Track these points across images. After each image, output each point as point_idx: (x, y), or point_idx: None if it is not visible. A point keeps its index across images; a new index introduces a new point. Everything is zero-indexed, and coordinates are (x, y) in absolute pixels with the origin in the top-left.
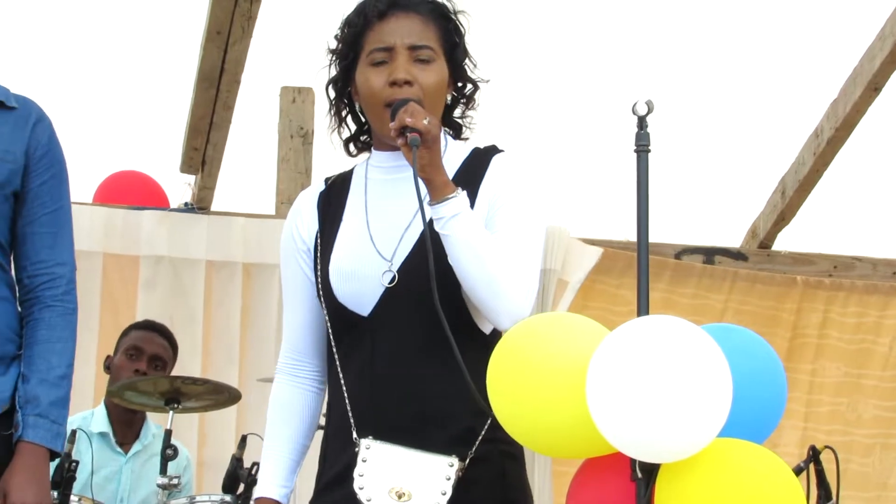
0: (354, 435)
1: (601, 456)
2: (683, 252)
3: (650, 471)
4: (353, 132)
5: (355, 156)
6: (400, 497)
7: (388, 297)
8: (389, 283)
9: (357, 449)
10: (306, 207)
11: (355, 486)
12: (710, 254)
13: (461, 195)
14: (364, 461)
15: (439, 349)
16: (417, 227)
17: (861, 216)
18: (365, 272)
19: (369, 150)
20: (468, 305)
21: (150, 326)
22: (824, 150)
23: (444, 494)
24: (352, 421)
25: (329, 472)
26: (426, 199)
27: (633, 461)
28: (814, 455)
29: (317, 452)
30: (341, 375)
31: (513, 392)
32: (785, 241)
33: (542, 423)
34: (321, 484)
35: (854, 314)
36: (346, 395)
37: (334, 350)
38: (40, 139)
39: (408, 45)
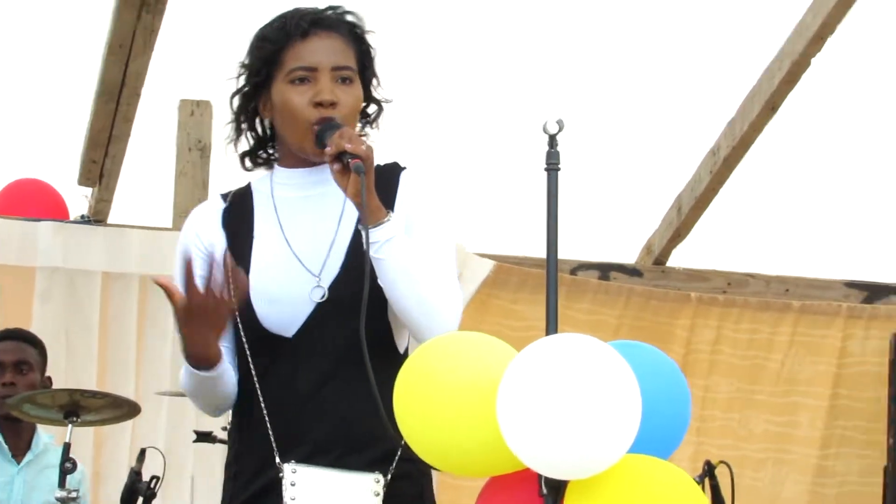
0: (277, 459)
1: (507, 473)
2: (579, 268)
3: (558, 487)
4: (252, 147)
5: (250, 170)
6: None
7: (315, 316)
8: (320, 298)
9: (281, 474)
10: (208, 222)
11: None
12: (605, 269)
13: (393, 218)
14: (293, 485)
15: (362, 370)
16: (342, 243)
17: (755, 233)
18: (292, 293)
19: (265, 167)
20: (391, 324)
21: (7, 336)
22: (720, 169)
23: None
24: (273, 444)
25: (243, 493)
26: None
27: (540, 477)
28: (709, 470)
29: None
30: (260, 395)
31: (420, 411)
32: (680, 258)
33: (451, 443)
34: (241, 490)
35: (747, 331)
36: (265, 415)
37: (252, 370)
38: None
39: (331, 66)
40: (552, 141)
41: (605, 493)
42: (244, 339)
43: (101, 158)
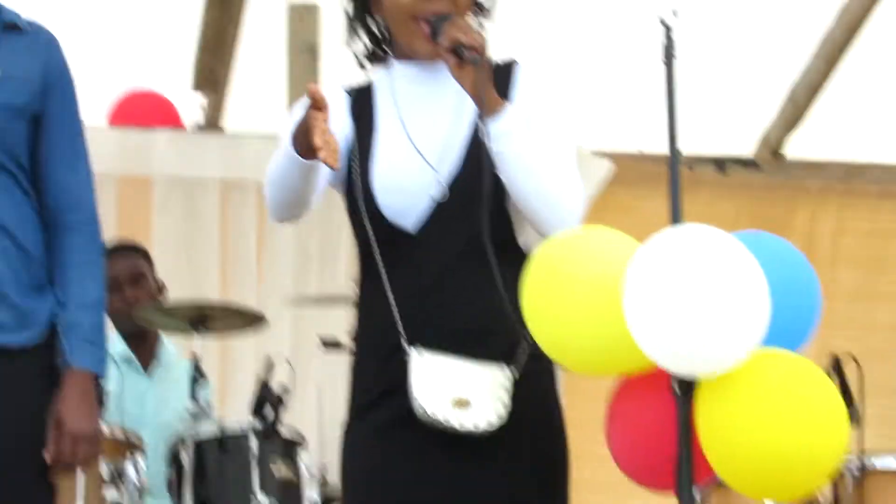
0: (405, 345)
1: (637, 372)
2: (695, 161)
3: (689, 386)
4: (367, 46)
5: (368, 70)
6: (461, 405)
7: (436, 211)
8: (439, 194)
9: (407, 358)
10: (336, 107)
11: (413, 396)
12: (721, 163)
13: (512, 110)
14: (418, 371)
15: (483, 265)
16: (461, 139)
17: (872, 121)
18: (412, 186)
19: (381, 64)
20: (513, 219)
21: (112, 250)
22: (833, 55)
23: (503, 404)
24: (401, 331)
25: (374, 389)
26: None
27: (672, 377)
28: (836, 363)
29: None
30: (387, 287)
31: (547, 308)
32: (796, 149)
33: (579, 339)
34: (364, 401)
35: (867, 219)
36: (392, 305)
37: (378, 262)
38: (55, 62)
39: None
40: (668, 32)
41: (737, 389)
42: (369, 229)
43: (214, 64)
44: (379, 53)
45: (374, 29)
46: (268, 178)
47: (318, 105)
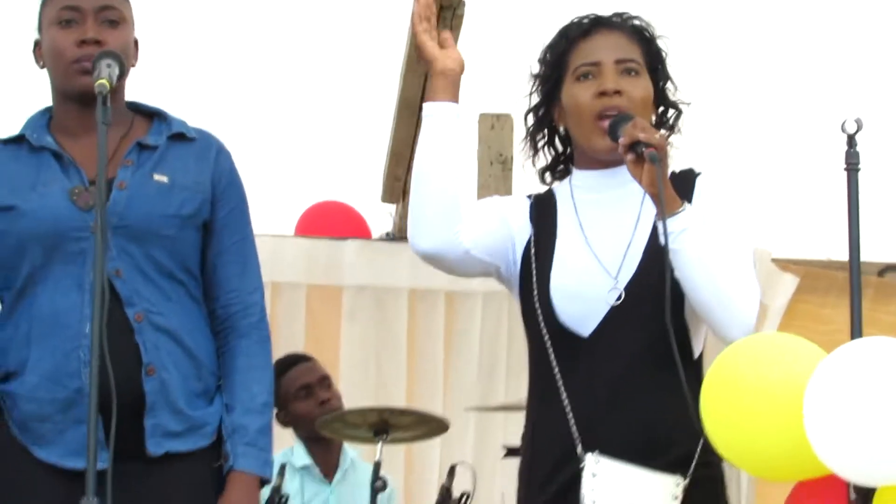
0: (580, 449)
1: (814, 478)
2: (886, 269)
3: (867, 493)
4: (550, 161)
5: (549, 184)
6: None
7: (612, 316)
8: (616, 300)
9: (582, 464)
10: (519, 212)
11: (585, 501)
12: None
13: (689, 209)
14: (594, 476)
15: (658, 370)
16: (640, 244)
17: None
18: (590, 291)
19: (562, 178)
20: (688, 324)
21: (296, 360)
22: None
23: None
24: (576, 436)
25: (543, 495)
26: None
27: (849, 483)
28: None
29: None
30: (563, 391)
31: (727, 414)
32: None
33: (757, 446)
34: (538, 492)
35: None
36: (567, 409)
37: (554, 367)
38: (224, 169)
39: (614, 59)
40: (851, 140)
41: None
42: (544, 333)
43: (404, 175)
44: (560, 168)
45: (558, 142)
46: (413, 182)
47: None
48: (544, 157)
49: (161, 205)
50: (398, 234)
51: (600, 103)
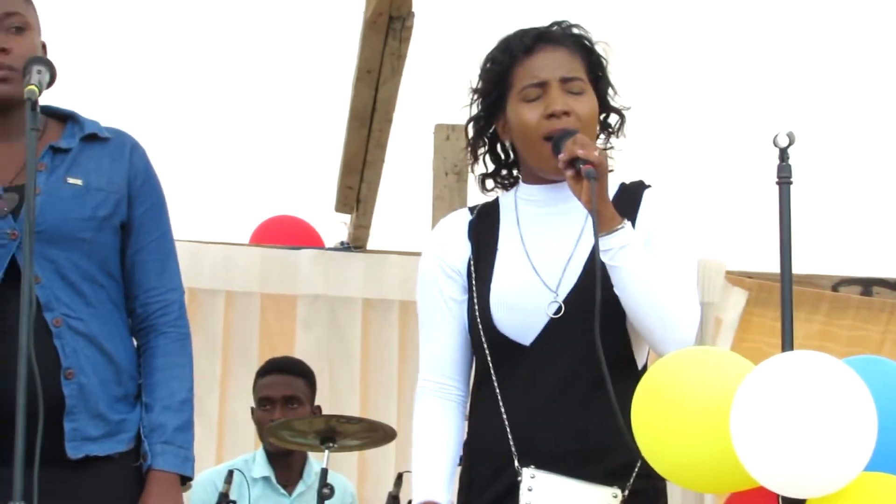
0: (516, 463)
1: (746, 490)
2: (840, 283)
3: None
4: (493, 169)
5: (490, 190)
6: None
7: (552, 328)
8: (555, 313)
9: (519, 478)
10: (454, 234)
11: None
12: (867, 284)
13: (628, 226)
14: (530, 490)
15: (599, 381)
16: (580, 258)
17: None
18: (529, 303)
19: (505, 189)
20: (630, 337)
21: (276, 368)
22: None
23: None
24: (512, 448)
25: (481, 498)
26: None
27: (778, 496)
28: None
29: None
30: (500, 401)
31: (657, 427)
32: None
33: (687, 459)
34: (477, 497)
35: None
36: (505, 420)
37: (492, 375)
38: (138, 167)
39: (559, 78)
40: (783, 154)
41: None
42: (484, 342)
43: (357, 184)
44: (504, 173)
45: (500, 151)
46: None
47: None
48: (484, 166)
49: (76, 208)
50: (352, 244)
51: (549, 125)
